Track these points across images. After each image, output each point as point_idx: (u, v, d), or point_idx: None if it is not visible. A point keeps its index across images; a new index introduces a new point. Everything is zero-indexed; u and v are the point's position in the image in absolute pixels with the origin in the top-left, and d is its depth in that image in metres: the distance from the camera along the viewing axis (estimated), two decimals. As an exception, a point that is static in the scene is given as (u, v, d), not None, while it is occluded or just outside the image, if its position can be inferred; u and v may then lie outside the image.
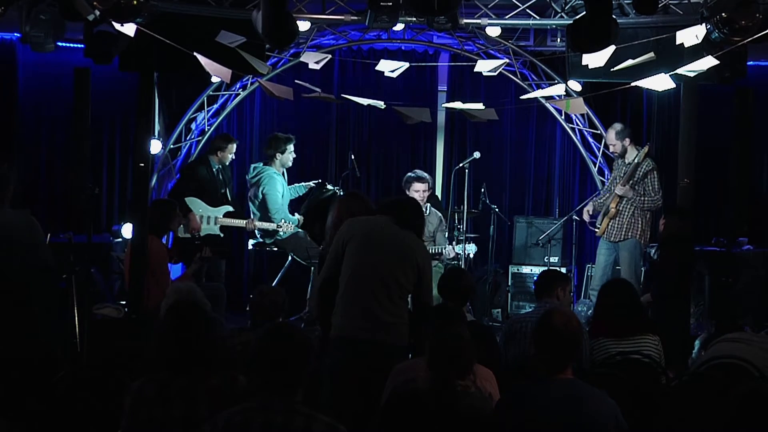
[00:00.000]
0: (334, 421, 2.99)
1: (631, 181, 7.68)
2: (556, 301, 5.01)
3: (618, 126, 7.91)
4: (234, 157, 8.43)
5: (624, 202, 7.71)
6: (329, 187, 8.38)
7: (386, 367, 4.19)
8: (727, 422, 3.08)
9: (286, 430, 2.93)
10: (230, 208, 8.15)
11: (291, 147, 8.16)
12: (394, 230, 4.72)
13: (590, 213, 8.05)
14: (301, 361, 3.02)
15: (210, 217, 8.02)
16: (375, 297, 4.60)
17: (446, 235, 7.99)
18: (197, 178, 8.16)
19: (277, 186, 8.01)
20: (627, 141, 7.83)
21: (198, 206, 7.96)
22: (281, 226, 7.92)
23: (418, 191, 7.58)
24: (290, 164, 8.23)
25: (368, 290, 4.61)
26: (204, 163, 8.28)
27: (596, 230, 8.00)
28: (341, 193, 8.06)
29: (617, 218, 7.74)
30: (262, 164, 8.18)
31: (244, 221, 8.07)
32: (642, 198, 7.69)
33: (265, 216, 8.02)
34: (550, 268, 8.30)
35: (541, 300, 5.13)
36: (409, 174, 7.82)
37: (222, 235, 8.14)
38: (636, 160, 7.71)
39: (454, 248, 7.73)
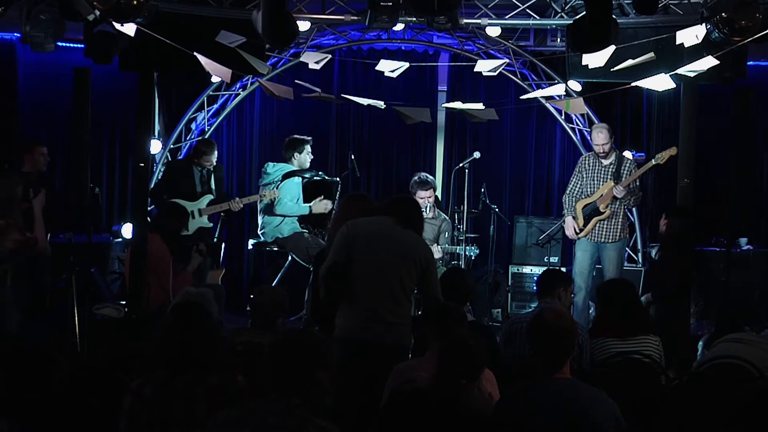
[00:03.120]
0: (330, 425, 2.98)
1: (618, 182, 7.54)
2: (557, 302, 4.99)
3: (604, 124, 7.86)
4: (213, 164, 8.35)
5: (617, 203, 7.60)
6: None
7: (390, 367, 4.20)
8: (729, 422, 3.08)
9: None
10: (211, 197, 8.15)
11: (308, 148, 8.22)
12: (395, 230, 4.74)
13: (577, 229, 7.71)
14: (307, 366, 3.00)
15: (194, 211, 8.01)
16: (379, 298, 4.61)
17: (447, 236, 7.97)
18: (173, 178, 8.17)
19: (293, 189, 8.06)
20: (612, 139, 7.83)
21: None
22: (264, 195, 7.98)
23: (422, 198, 7.69)
24: (308, 165, 8.24)
25: (372, 291, 4.62)
26: (184, 164, 8.29)
27: (576, 235, 7.72)
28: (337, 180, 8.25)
29: (611, 219, 7.58)
30: (273, 164, 8.26)
31: (227, 203, 8.09)
32: (632, 197, 7.65)
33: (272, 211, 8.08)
34: (552, 267, 8.22)
35: (543, 300, 5.11)
36: (413, 180, 7.92)
37: (211, 224, 8.15)
38: (615, 161, 7.63)
39: (439, 250, 7.70)
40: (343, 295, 4.69)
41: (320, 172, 8.40)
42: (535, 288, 8.83)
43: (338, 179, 8.37)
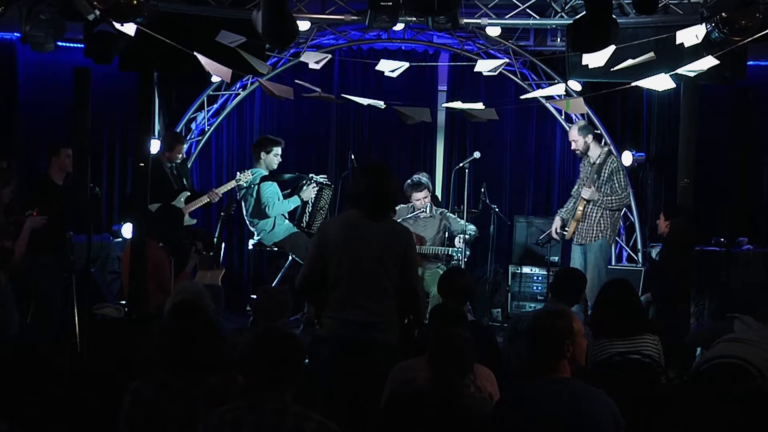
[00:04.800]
0: (326, 420, 3.00)
1: (597, 183, 7.59)
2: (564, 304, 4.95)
3: (581, 122, 7.90)
4: (184, 156, 8.31)
5: (591, 204, 7.62)
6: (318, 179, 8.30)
7: (377, 365, 4.19)
8: (728, 422, 3.08)
9: (278, 430, 2.94)
10: (187, 193, 8.04)
11: (278, 150, 8.06)
12: (365, 224, 4.60)
13: (558, 230, 7.85)
14: (293, 362, 3.05)
15: None
16: (363, 296, 4.54)
17: (453, 223, 7.93)
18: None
19: (275, 190, 8.02)
20: (590, 138, 7.78)
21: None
22: (240, 179, 7.90)
23: (418, 199, 7.70)
24: (275, 167, 8.11)
25: (355, 290, 4.55)
26: (153, 165, 8.23)
27: (564, 234, 7.82)
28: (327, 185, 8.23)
29: (585, 221, 7.63)
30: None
31: (206, 196, 7.98)
32: (610, 198, 7.62)
33: (261, 213, 8.00)
34: (573, 268, 7.72)
35: (558, 302, 5.06)
36: (407, 183, 7.89)
37: (195, 220, 8.11)
38: (599, 160, 7.66)
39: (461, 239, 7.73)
40: (326, 296, 4.64)
41: (290, 174, 8.40)
42: (534, 288, 8.86)
43: (331, 184, 8.36)
